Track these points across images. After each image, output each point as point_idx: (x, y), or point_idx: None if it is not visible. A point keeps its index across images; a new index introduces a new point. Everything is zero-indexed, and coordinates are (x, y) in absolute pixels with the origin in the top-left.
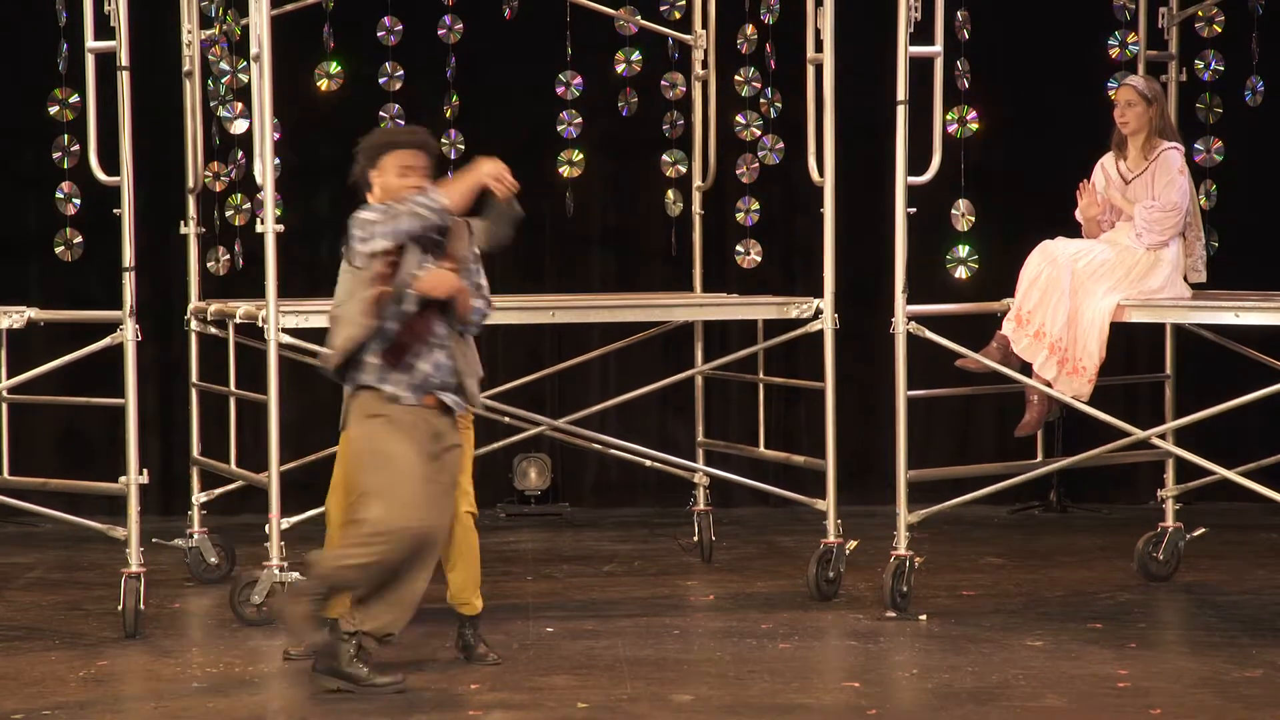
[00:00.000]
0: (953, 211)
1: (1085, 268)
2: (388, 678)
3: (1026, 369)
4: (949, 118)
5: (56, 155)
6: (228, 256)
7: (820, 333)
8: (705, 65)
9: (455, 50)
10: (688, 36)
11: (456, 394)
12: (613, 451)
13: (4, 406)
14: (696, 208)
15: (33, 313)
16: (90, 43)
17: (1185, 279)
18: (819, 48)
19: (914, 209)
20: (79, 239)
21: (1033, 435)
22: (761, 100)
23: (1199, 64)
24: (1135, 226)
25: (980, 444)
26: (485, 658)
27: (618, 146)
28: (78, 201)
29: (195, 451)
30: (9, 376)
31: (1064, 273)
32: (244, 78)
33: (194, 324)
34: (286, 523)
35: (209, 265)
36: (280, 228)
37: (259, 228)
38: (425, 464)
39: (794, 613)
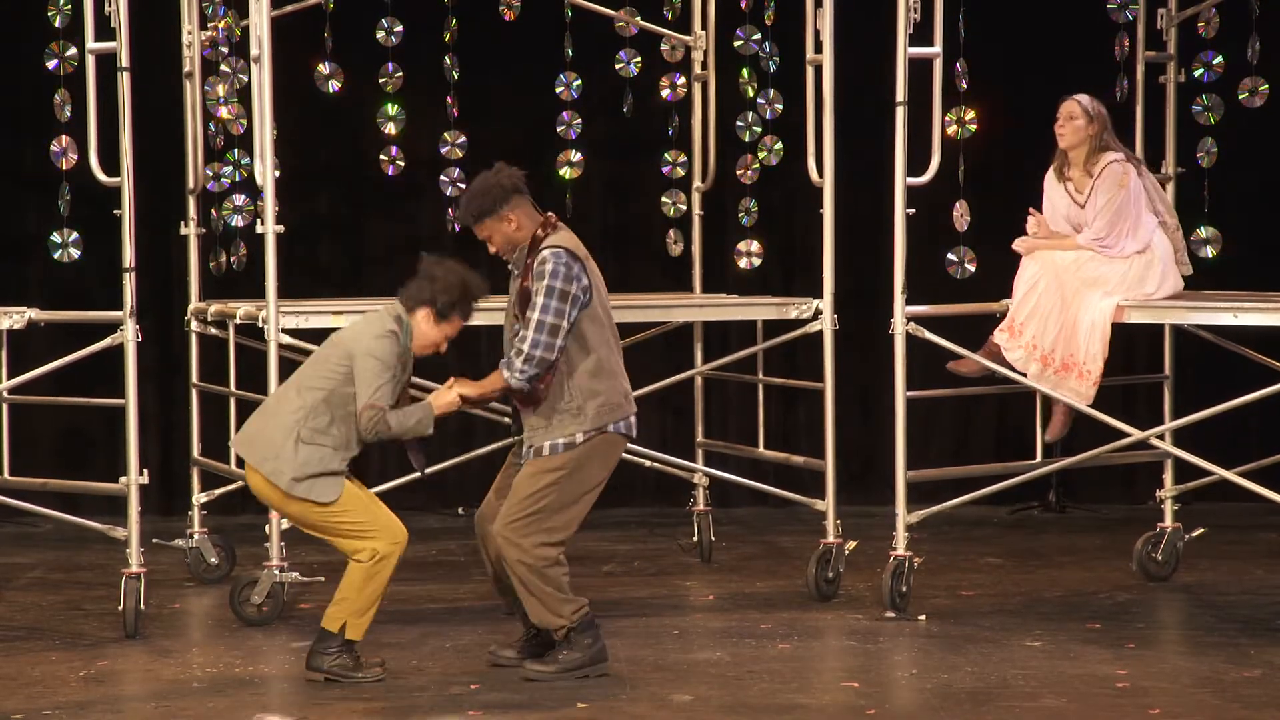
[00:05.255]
0: (952, 213)
1: (1081, 274)
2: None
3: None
4: (950, 118)
5: (55, 154)
6: (223, 258)
7: (820, 333)
8: (705, 66)
9: (455, 50)
10: (687, 37)
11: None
12: None
13: (4, 407)
14: (696, 208)
15: (33, 313)
16: (90, 43)
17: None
18: (818, 49)
19: (913, 210)
20: (72, 235)
21: (1030, 434)
22: (760, 100)
23: (1197, 64)
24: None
25: (979, 445)
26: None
27: (618, 147)
28: (64, 203)
29: (195, 452)
30: (9, 377)
31: (1059, 285)
32: (244, 78)
33: (194, 324)
34: (286, 523)
35: (210, 265)
36: (280, 228)
37: (259, 228)
38: None
39: (793, 613)
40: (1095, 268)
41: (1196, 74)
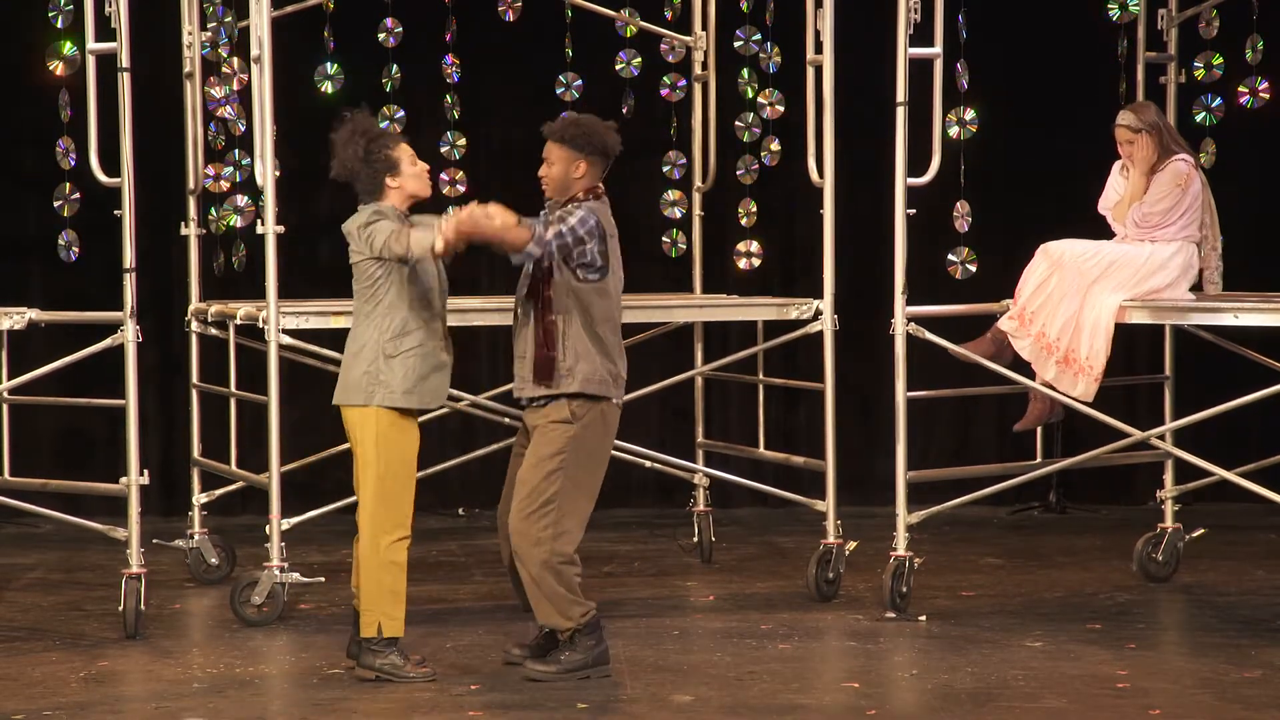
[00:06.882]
0: (952, 213)
1: (1092, 269)
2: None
3: (1021, 365)
4: (950, 118)
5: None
6: (223, 258)
7: (820, 334)
8: (705, 66)
9: (455, 51)
10: (688, 38)
11: None
12: (613, 452)
13: (5, 407)
14: (696, 208)
15: (34, 314)
16: (91, 44)
17: (1202, 289)
18: (819, 49)
19: (913, 210)
20: (70, 234)
21: (1031, 434)
22: (760, 101)
23: (1197, 64)
24: (1125, 226)
25: (980, 445)
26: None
27: None
28: (69, 203)
29: (196, 452)
30: (10, 377)
31: (1072, 277)
32: (244, 78)
33: (194, 325)
34: (287, 523)
35: (213, 265)
36: (280, 228)
37: (259, 229)
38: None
39: (794, 613)
40: (1111, 255)
41: (1196, 74)
